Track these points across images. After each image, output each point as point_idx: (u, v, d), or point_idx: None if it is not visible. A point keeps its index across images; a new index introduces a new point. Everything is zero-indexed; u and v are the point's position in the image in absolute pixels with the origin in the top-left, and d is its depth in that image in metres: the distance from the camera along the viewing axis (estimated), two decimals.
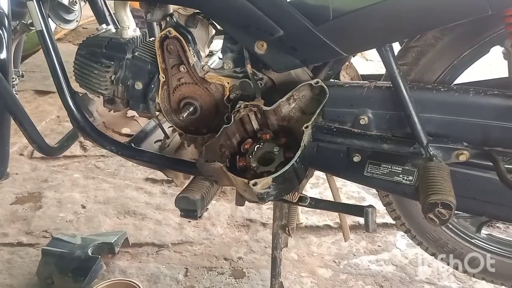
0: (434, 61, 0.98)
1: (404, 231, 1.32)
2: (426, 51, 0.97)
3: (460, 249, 1.27)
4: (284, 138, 1.02)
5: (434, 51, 0.96)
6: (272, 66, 1.01)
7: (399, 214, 1.27)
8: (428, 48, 0.97)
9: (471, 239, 1.27)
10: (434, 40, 0.96)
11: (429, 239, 1.28)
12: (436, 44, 0.96)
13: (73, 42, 3.56)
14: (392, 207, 1.27)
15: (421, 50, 0.98)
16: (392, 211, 1.28)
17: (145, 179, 2.10)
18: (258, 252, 1.71)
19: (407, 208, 1.25)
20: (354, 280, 1.59)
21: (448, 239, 1.26)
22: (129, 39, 1.15)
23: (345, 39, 0.91)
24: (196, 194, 1.02)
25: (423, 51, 0.98)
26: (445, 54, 0.97)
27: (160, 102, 1.15)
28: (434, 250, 1.30)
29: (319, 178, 2.06)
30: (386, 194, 1.26)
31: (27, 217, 1.86)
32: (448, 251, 1.28)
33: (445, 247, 1.27)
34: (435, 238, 1.27)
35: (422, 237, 1.29)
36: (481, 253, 1.26)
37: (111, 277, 1.57)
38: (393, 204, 1.26)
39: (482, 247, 1.26)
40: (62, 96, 1.19)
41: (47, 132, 2.44)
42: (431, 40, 0.96)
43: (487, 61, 1.07)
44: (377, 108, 0.99)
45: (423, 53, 0.98)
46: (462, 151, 0.92)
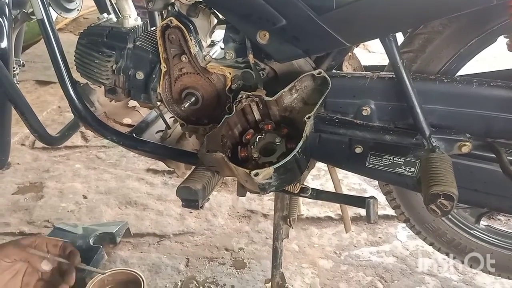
0: (441, 49, 0.97)
1: (403, 221, 1.32)
2: (433, 38, 0.97)
3: (459, 240, 1.27)
4: (286, 128, 1.01)
5: (441, 38, 0.95)
6: (274, 56, 1.00)
7: (399, 203, 1.27)
8: (435, 35, 0.96)
9: (470, 229, 1.27)
10: (442, 27, 0.95)
11: (428, 229, 1.28)
12: (443, 32, 0.95)
13: (74, 32, 3.55)
14: (392, 195, 1.26)
15: (428, 37, 0.97)
16: (392, 200, 1.28)
17: (146, 170, 2.10)
18: (259, 243, 1.72)
19: (407, 198, 1.25)
20: (355, 271, 1.60)
21: (447, 229, 1.27)
22: (130, 29, 1.14)
23: (348, 29, 0.90)
24: (198, 184, 1.01)
25: (430, 38, 0.97)
26: (452, 42, 0.96)
27: (162, 92, 1.14)
28: (433, 240, 1.30)
29: (320, 170, 2.06)
30: (386, 183, 1.25)
31: (29, 207, 1.86)
32: (447, 241, 1.28)
33: (443, 237, 1.28)
34: (434, 228, 1.27)
35: (421, 227, 1.29)
36: (480, 245, 1.27)
37: (112, 266, 1.58)
38: (393, 193, 1.26)
39: (480, 238, 1.26)
40: (63, 86, 1.19)
41: (48, 122, 2.44)
42: (438, 28, 0.95)
43: (492, 53, 1.06)
44: (380, 99, 0.98)
45: (430, 40, 0.97)
46: (465, 142, 0.91)
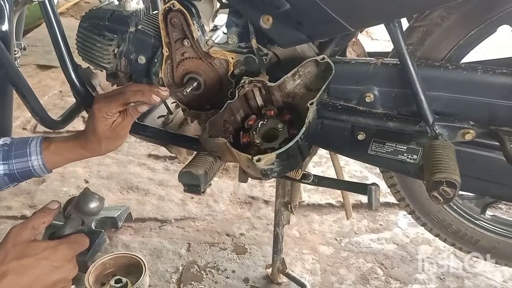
0: (440, 40, 0.96)
1: (408, 213, 1.32)
2: (431, 31, 0.96)
3: (465, 230, 1.26)
4: (288, 114, 1.01)
5: (440, 30, 0.95)
6: (277, 41, 0.99)
7: (404, 195, 1.27)
8: (434, 27, 0.95)
9: (475, 220, 1.27)
10: (440, 19, 0.94)
11: (433, 220, 1.28)
12: (442, 24, 0.94)
13: (75, 17, 3.52)
14: (396, 188, 1.26)
15: (426, 29, 0.96)
16: (397, 193, 1.27)
17: (148, 155, 2.10)
18: (260, 229, 1.72)
19: (412, 190, 1.25)
20: (355, 257, 1.61)
21: (452, 220, 1.26)
22: (132, 12, 1.13)
23: (353, 13, 0.89)
24: (200, 169, 1.01)
25: (428, 30, 0.96)
26: (452, 34, 0.95)
27: (164, 77, 1.13)
28: (439, 231, 1.30)
29: (322, 157, 2.06)
30: (391, 175, 1.25)
31: (31, 190, 1.87)
32: (453, 232, 1.28)
33: (449, 228, 1.27)
34: (439, 219, 1.27)
35: (426, 219, 1.29)
36: (486, 235, 1.26)
37: (114, 251, 1.59)
38: (397, 185, 1.25)
39: (486, 228, 1.26)
40: (64, 69, 1.18)
41: (50, 107, 2.43)
42: (437, 20, 0.94)
43: (494, 42, 1.05)
44: (384, 85, 0.97)
45: (429, 33, 0.96)
46: (468, 130, 0.91)
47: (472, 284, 1.51)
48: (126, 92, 0.92)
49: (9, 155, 0.98)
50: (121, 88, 0.96)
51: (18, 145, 0.99)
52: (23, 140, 1.01)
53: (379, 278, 1.53)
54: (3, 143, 1.00)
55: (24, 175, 1.00)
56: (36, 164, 0.99)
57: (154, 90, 0.92)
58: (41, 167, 1.00)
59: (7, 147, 0.99)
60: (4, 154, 0.98)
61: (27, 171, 0.99)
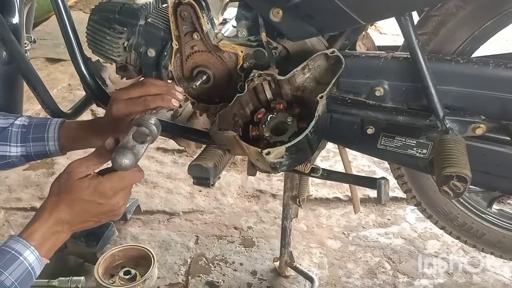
0: (455, 31, 0.95)
1: (414, 204, 1.32)
2: (447, 21, 0.95)
3: (471, 224, 1.26)
4: (297, 108, 1.01)
5: (455, 20, 0.94)
6: (287, 34, 0.99)
7: (411, 187, 1.27)
8: (449, 17, 0.94)
9: (482, 214, 1.27)
10: (456, 9, 0.93)
11: (439, 212, 1.28)
12: (457, 13, 0.93)
13: (83, 10, 3.53)
14: (403, 179, 1.26)
15: (442, 19, 0.95)
16: (404, 184, 1.27)
17: (156, 148, 2.11)
18: (268, 222, 1.73)
19: (419, 181, 1.25)
20: (363, 252, 1.61)
21: (458, 213, 1.26)
22: (142, 5, 1.13)
23: (363, 6, 0.88)
24: (209, 162, 1.01)
25: (444, 20, 0.95)
26: (467, 24, 0.94)
27: (173, 70, 1.13)
28: (444, 224, 1.30)
29: (329, 151, 2.06)
30: (398, 167, 1.25)
31: (40, 182, 1.89)
32: (458, 225, 1.28)
33: (455, 221, 1.27)
34: (445, 211, 1.27)
35: (432, 211, 1.29)
36: (492, 229, 1.26)
37: (123, 243, 1.60)
38: (404, 177, 1.25)
39: (493, 222, 1.26)
40: (75, 62, 1.19)
41: (59, 100, 2.44)
42: (452, 9, 0.93)
43: (504, 36, 1.04)
44: (394, 79, 0.97)
45: (444, 23, 0.95)
46: (479, 124, 0.90)
47: (481, 279, 1.51)
48: (147, 98, 0.94)
49: (27, 138, 1.01)
50: (139, 88, 0.96)
51: (36, 127, 1.02)
52: (41, 123, 1.03)
53: (387, 272, 1.53)
54: (21, 123, 1.02)
55: (40, 157, 1.05)
56: (53, 149, 1.03)
57: (171, 92, 0.94)
58: (57, 151, 1.04)
59: (25, 129, 1.02)
60: (22, 136, 1.01)
61: (44, 154, 1.04)
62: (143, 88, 0.96)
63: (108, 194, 0.83)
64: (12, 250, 0.77)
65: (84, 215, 0.83)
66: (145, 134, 0.85)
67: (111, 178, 0.84)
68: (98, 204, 0.83)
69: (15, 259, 0.76)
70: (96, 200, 0.82)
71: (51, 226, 0.81)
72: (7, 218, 1.71)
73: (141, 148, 0.84)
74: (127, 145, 0.83)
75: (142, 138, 0.84)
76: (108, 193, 0.83)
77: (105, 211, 0.85)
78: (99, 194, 0.82)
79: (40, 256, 0.79)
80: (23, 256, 0.77)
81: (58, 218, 0.81)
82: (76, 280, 1.39)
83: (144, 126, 0.85)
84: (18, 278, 0.76)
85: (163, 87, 0.96)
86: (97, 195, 0.82)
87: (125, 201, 0.87)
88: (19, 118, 1.03)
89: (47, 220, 0.81)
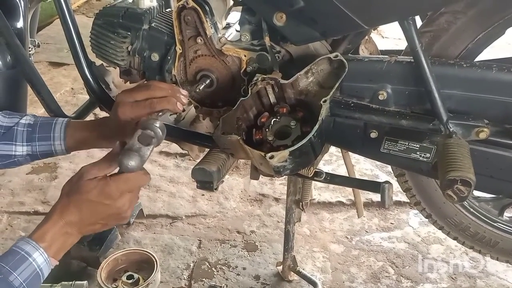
0: (460, 32, 0.95)
1: (425, 217, 1.30)
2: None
3: (483, 233, 1.25)
4: (301, 112, 1.01)
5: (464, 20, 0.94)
6: (290, 38, 0.99)
7: (419, 199, 1.26)
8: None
9: (493, 222, 1.25)
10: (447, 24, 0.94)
11: (450, 223, 1.26)
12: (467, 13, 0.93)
13: (86, 14, 3.55)
14: (411, 192, 1.25)
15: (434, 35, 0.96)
16: (412, 197, 1.26)
17: (159, 152, 2.11)
18: (271, 227, 1.73)
19: (427, 193, 1.24)
20: (366, 256, 1.60)
21: (470, 223, 1.25)
22: (146, 10, 1.14)
23: (367, 10, 0.89)
24: (213, 166, 1.02)
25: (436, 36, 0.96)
26: (472, 26, 0.94)
27: (176, 74, 1.14)
28: (456, 234, 1.29)
29: (332, 155, 2.06)
30: (406, 180, 1.24)
31: (43, 186, 1.89)
32: (471, 235, 1.27)
33: (467, 231, 1.26)
34: (456, 222, 1.25)
35: (443, 222, 1.28)
36: (505, 237, 1.24)
37: (126, 247, 1.60)
38: (412, 189, 1.25)
39: (505, 230, 1.24)
40: (78, 66, 1.19)
41: (62, 103, 2.43)
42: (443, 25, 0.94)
43: (506, 40, 1.04)
44: (397, 83, 0.97)
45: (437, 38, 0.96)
46: (483, 128, 0.90)
47: (484, 284, 1.50)
48: (152, 101, 0.94)
49: (32, 137, 1.02)
50: (145, 91, 0.96)
51: (42, 127, 1.02)
52: (47, 122, 1.03)
53: (390, 277, 1.53)
54: (26, 122, 1.03)
55: (45, 156, 1.05)
56: (59, 148, 1.03)
57: (176, 95, 0.95)
58: (63, 150, 1.04)
59: (30, 128, 1.02)
60: (27, 135, 1.01)
61: (49, 153, 1.04)
62: (148, 90, 0.96)
63: (114, 196, 0.83)
64: (22, 251, 0.78)
65: (91, 217, 0.84)
66: (150, 136, 0.85)
67: (117, 179, 0.84)
68: (105, 205, 0.83)
69: (24, 260, 0.77)
70: (103, 201, 0.83)
71: (61, 228, 0.82)
72: (10, 222, 1.72)
73: (147, 151, 0.85)
74: (133, 148, 0.84)
75: (147, 141, 0.85)
76: (114, 194, 0.83)
77: (111, 213, 0.85)
78: (105, 195, 0.83)
79: (48, 258, 0.80)
80: (32, 258, 0.78)
81: (67, 220, 0.82)
82: (79, 285, 1.38)
83: (150, 128, 0.86)
84: (27, 279, 0.77)
85: (168, 89, 0.96)
86: (104, 196, 0.83)
87: (131, 204, 0.88)
88: (25, 117, 1.03)
89: (57, 222, 0.82)
